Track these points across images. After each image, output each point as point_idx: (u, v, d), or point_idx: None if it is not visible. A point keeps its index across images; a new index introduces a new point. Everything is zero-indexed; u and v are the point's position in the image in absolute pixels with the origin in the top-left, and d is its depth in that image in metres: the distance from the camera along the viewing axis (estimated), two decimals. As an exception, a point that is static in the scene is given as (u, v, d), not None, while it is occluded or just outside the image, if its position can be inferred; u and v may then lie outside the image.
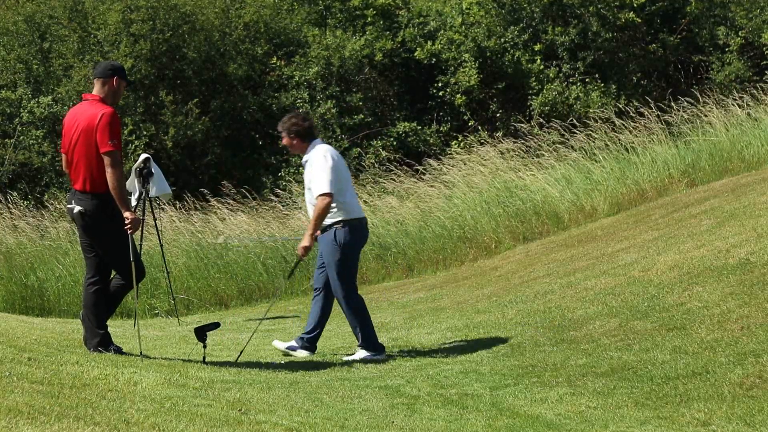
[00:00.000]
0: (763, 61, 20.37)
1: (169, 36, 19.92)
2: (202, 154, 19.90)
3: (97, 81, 8.36)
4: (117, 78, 8.31)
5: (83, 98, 8.57)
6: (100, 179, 8.03)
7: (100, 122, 8.06)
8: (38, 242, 16.08)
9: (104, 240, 8.17)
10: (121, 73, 8.39)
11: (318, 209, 8.76)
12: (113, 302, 8.41)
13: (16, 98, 19.88)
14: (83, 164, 8.10)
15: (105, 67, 8.42)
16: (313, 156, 8.93)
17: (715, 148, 16.30)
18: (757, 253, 9.61)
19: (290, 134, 9.00)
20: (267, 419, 6.44)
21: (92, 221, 8.11)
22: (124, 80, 8.42)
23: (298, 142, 9.01)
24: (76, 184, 8.16)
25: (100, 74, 8.36)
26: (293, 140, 8.97)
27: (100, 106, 8.21)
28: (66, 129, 8.34)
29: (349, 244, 8.88)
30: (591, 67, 20.34)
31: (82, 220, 8.13)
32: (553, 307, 10.09)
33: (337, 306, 9.27)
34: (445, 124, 20.50)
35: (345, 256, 8.89)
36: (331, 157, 8.89)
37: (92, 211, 8.08)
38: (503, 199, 15.94)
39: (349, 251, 8.92)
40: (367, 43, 20.53)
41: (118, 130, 8.15)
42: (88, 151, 8.08)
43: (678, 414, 6.62)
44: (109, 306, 8.37)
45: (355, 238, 8.94)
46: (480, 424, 6.67)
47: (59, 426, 5.54)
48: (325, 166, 8.81)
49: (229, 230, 16.36)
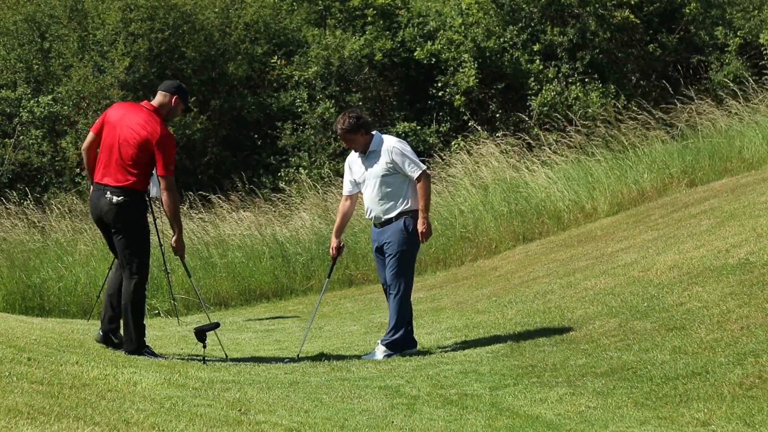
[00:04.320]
0: (761, 61, 20.37)
1: (168, 35, 19.92)
2: (202, 154, 19.90)
3: (160, 93, 8.63)
4: (177, 97, 8.58)
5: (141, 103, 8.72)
6: (124, 179, 8.35)
7: (162, 140, 8.33)
8: (39, 241, 16.07)
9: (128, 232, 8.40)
10: (183, 97, 8.67)
11: (427, 188, 8.96)
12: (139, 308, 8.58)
13: (16, 98, 19.88)
14: (116, 163, 8.38)
15: (171, 84, 8.74)
16: (388, 144, 9.00)
17: (714, 148, 16.30)
18: (756, 253, 9.61)
19: (358, 130, 9.04)
20: (267, 419, 6.44)
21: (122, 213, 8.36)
22: (184, 105, 8.70)
23: (360, 137, 9.06)
24: (107, 177, 8.40)
25: (164, 88, 8.65)
26: (362, 136, 9.01)
27: (157, 120, 8.43)
28: (110, 119, 8.54)
29: (416, 233, 8.97)
30: (590, 67, 20.34)
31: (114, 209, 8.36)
32: (553, 307, 10.09)
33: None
34: (445, 124, 20.50)
35: (415, 245, 9.01)
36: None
37: (121, 204, 8.34)
38: (503, 199, 15.94)
39: (418, 240, 9.01)
40: (366, 43, 20.54)
41: (174, 153, 8.46)
42: (130, 152, 8.34)
43: (678, 414, 6.62)
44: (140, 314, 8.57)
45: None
46: (480, 424, 6.67)
47: (59, 426, 5.54)
48: (409, 149, 9.07)
49: (231, 229, 16.36)
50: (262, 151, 20.25)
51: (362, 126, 9.03)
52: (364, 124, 9.06)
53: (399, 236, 8.96)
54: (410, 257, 9.04)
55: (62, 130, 19.53)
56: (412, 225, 8.96)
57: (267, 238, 15.80)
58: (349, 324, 11.26)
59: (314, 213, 16.63)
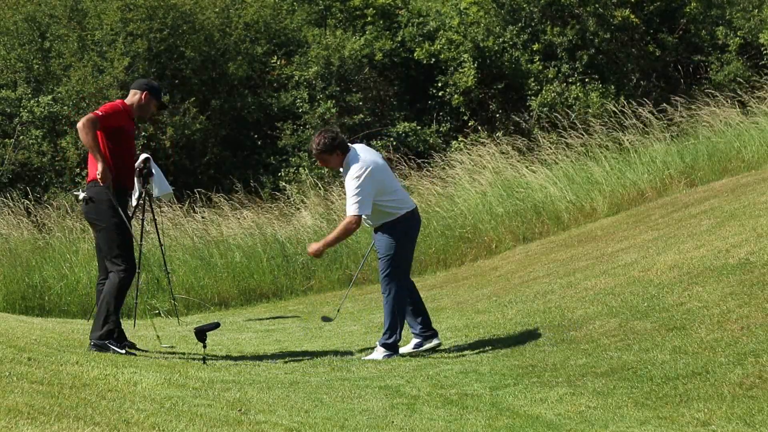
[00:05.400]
0: (761, 61, 20.37)
1: (167, 35, 19.92)
2: (201, 154, 19.89)
3: (131, 91, 9.06)
4: (147, 94, 8.92)
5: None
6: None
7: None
8: (40, 241, 16.07)
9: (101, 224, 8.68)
10: (154, 93, 8.99)
11: (344, 228, 8.85)
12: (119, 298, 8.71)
13: (16, 98, 19.87)
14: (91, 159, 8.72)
15: (141, 81, 9.15)
16: (347, 173, 8.89)
17: (714, 148, 16.30)
18: (757, 253, 9.61)
19: (333, 150, 8.95)
20: (267, 419, 6.44)
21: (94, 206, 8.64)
22: (156, 100, 9.02)
23: (335, 157, 8.98)
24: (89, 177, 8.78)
25: (134, 85, 9.09)
26: (337, 156, 8.93)
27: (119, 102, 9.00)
28: None
29: (399, 236, 8.94)
30: (590, 67, 20.34)
31: (86, 205, 8.71)
32: (553, 307, 10.08)
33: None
34: (445, 125, 20.50)
35: (401, 246, 8.95)
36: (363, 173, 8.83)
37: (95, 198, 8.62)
38: (503, 200, 15.94)
39: (401, 242, 8.97)
40: (366, 42, 20.54)
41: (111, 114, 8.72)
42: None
43: (678, 414, 6.62)
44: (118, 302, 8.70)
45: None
46: (480, 424, 6.67)
47: (59, 426, 5.54)
48: (355, 186, 8.79)
49: (232, 229, 16.36)
50: (262, 151, 20.24)
51: (338, 146, 8.96)
52: (340, 144, 8.98)
53: (384, 241, 8.93)
54: (399, 259, 8.95)
55: (62, 130, 19.53)
56: (395, 229, 8.89)
57: (267, 238, 15.80)
58: (349, 324, 11.26)
59: (315, 213, 16.63)
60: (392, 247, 8.90)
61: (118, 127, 8.72)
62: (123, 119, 8.79)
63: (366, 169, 8.82)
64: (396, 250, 8.91)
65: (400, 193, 9.10)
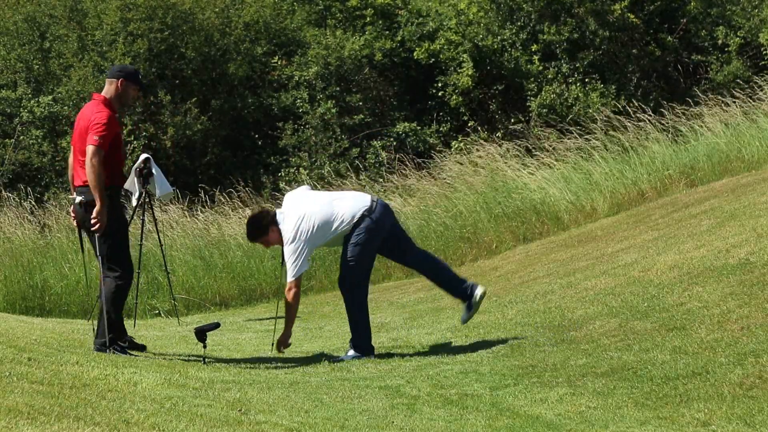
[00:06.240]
0: (762, 61, 20.37)
1: (167, 35, 19.92)
2: (202, 154, 19.90)
3: (106, 81, 8.58)
4: (123, 80, 8.46)
5: (92, 97, 8.69)
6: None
7: (96, 118, 8.28)
8: (40, 241, 16.07)
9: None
10: (130, 77, 8.53)
11: (290, 302, 8.77)
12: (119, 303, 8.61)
13: (16, 98, 19.88)
14: (77, 161, 8.41)
15: (114, 69, 8.70)
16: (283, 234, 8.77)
17: (714, 148, 16.30)
18: (757, 253, 9.61)
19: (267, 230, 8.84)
20: (267, 419, 6.44)
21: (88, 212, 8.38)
22: (134, 84, 8.55)
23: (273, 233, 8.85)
24: (75, 180, 8.48)
25: (109, 75, 8.60)
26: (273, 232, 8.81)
27: (101, 108, 8.37)
28: (75, 125, 8.65)
29: (357, 243, 8.85)
30: (590, 67, 20.34)
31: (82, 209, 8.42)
32: (553, 307, 10.08)
33: (339, 305, 9.27)
34: (445, 125, 20.51)
35: (359, 253, 8.87)
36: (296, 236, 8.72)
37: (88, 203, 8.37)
38: (502, 200, 15.94)
39: (361, 248, 8.88)
40: (366, 43, 20.55)
41: (109, 132, 8.28)
42: (83, 147, 8.33)
43: (678, 414, 6.62)
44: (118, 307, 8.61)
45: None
46: (480, 424, 6.67)
47: (59, 426, 5.54)
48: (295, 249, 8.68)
49: (232, 229, 16.36)
50: (262, 152, 20.25)
51: (270, 223, 8.82)
52: (271, 220, 8.82)
53: (351, 248, 8.82)
54: (357, 267, 8.86)
55: (62, 130, 19.54)
56: (357, 235, 8.81)
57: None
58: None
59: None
60: (359, 251, 8.82)
61: (113, 137, 8.42)
62: (114, 126, 8.42)
63: (296, 231, 8.69)
64: (364, 253, 8.85)
65: (343, 207, 8.86)
